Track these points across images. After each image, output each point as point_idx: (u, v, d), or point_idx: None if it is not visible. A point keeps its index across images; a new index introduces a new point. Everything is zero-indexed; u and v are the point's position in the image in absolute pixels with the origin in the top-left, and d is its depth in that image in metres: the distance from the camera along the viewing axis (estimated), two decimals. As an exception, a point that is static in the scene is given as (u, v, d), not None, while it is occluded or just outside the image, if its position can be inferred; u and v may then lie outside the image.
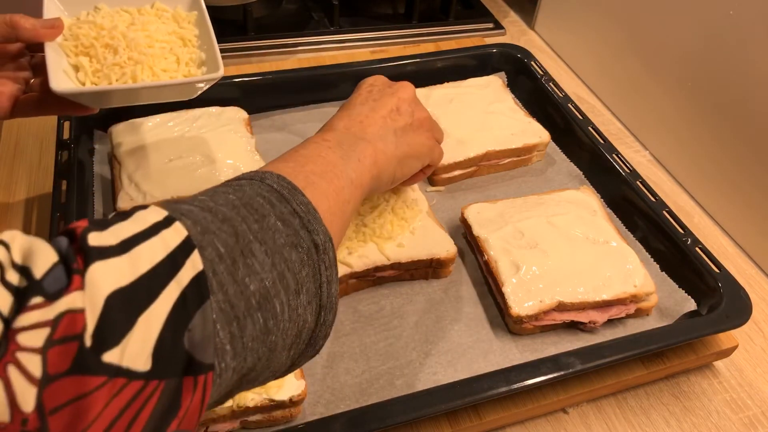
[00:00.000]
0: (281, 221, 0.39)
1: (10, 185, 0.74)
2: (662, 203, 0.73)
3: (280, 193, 0.40)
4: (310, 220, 0.40)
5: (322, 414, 0.55)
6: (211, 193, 0.39)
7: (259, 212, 0.38)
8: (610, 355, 0.58)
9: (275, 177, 0.42)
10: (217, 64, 0.60)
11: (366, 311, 0.64)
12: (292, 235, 0.39)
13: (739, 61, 0.74)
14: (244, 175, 0.43)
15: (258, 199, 0.39)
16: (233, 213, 0.37)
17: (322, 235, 0.40)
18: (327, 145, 0.51)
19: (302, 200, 0.41)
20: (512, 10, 1.18)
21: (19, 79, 0.59)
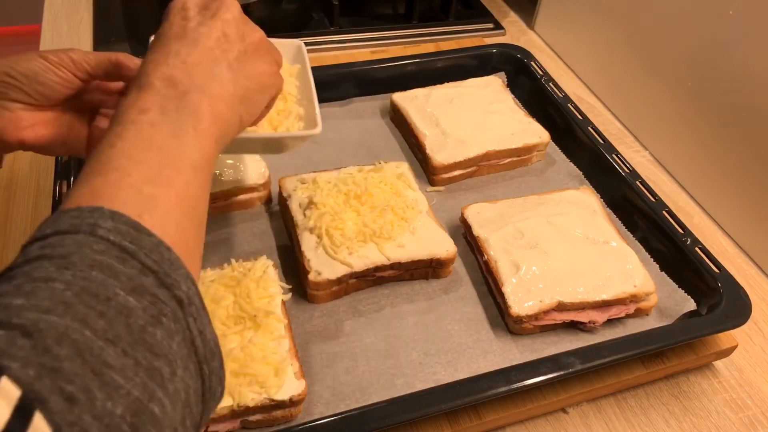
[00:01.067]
0: (132, 293, 0.32)
1: (11, 185, 0.74)
2: (662, 203, 0.73)
3: (120, 247, 0.33)
4: (165, 270, 0.34)
5: (322, 414, 0.55)
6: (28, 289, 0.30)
7: (101, 297, 0.31)
8: (610, 354, 0.58)
9: (107, 218, 0.34)
10: (315, 120, 0.59)
11: (366, 311, 0.64)
12: (150, 305, 0.32)
13: (738, 61, 0.74)
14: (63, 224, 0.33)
15: (95, 275, 0.31)
16: (68, 320, 0.29)
17: (183, 284, 0.34)
18: (148, 120, 0.40)
19: (149, 243, 0.34)
20: (512, 10, 1.18)
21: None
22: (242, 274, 0.59)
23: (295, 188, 0.69)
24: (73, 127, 0.56)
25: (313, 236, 0.64)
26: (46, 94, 0.52)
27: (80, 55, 0.53)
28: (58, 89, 0.53)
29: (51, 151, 0.56)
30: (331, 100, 0.88)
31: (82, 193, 0.36)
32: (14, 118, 0.52)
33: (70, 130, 0.56)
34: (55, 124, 0.55)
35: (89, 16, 1.02)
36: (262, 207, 0.74)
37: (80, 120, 0.57)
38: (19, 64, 0.51)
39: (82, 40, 0.97)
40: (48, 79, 0.52)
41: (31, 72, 0.51)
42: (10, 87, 0.51)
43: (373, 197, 0.67)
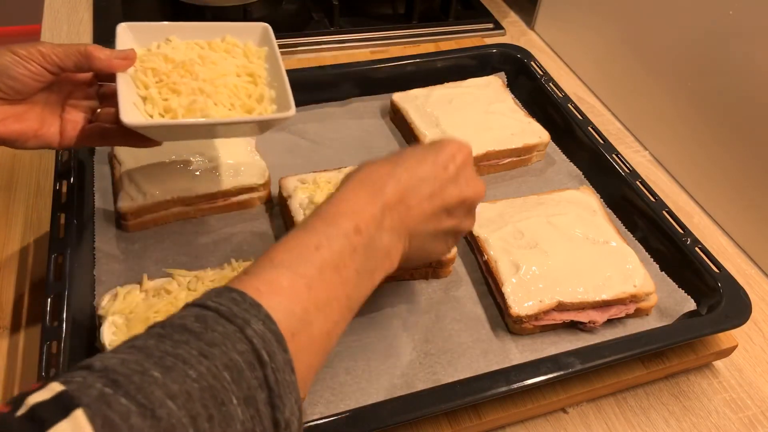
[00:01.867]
0: (243, 402, 0.33)
1: (11, 185, 0.74)
2: (662, 203, 0.73)
3: (257, 355, 0.34)
4: (279, 392, 0.35)
5: (322, 414, 0.55)
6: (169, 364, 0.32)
7: (218, 400, 0.32)
8: (610, 354, 0.58)
9: (261, 322, 0.36)
10: (288, 102, 0.59)
11: (366, 311, 0.64)
12: (248, 420, 0.33)
13: (738, 61, 0.74)
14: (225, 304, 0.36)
15: (224, 375, 0.33)
16: (183, 413, 0.31)
17: (287, 410, 0.35)
18: (354, 245, 0.43)
19: (281, 361, 0.35)
20: (512, 10, 1.18)
21: (85, 108, 0.59)
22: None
23: (295, 188, 0.69)
24: (45, 119, 0.57)
25: (313, 236, 0.64)
26: (17, 88, 0.53)
27: (49, 48, 0.53)
28: (28, 83, 0.53)
29: (23, 144, 0.56)
30: (331, 100, 0.88)
31: (265, 278, 0.39)
32: None
33: (41, 123, 0.56)
34: (26, 117, 0.55)
35: (89, 16, 1.02)
36: (262, 207, 0.74)
37: (51, 112, 0.58)
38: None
39: (82, 40, 0.97)
40: (18, 73, 0.52)
41: (2, 67, 0.52)
42: None
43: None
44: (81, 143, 0.59)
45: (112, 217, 0.69)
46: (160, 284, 0.59)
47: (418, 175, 0.49)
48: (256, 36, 0.66)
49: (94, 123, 0.59)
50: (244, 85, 0.61)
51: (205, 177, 0.70)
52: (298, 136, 0.83)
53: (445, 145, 0.52)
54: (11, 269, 0.66)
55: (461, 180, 0.51)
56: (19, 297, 0.64)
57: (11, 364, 0.59)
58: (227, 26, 0.65)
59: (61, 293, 0.56)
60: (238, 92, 0.60)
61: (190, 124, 0.57)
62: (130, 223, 0.68)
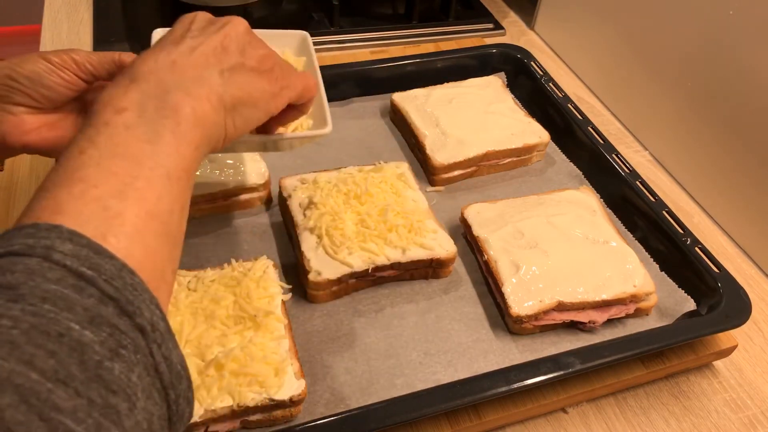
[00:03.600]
0: (89, 325, 0.30)
1: (11, 186, 0.74)
2: (662, 203, 0.73)
3: (78, 274, 0.31)
4: (127, 297, 0.31)
5: (322, 414, 0.55)
6: None
7: (52, 334, 0.28)
8: (610, 354, 0.58)
9: (66, 240, 0.31)
10: (324, 118, 0.57)
11: (366, 311, 0.64)
12: (108, 337, 0.30)
13: (738, 62, 0.74)
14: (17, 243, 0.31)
15: (47, 308, 0.29)
16: (12, 363, 0.27)
17: (146, 311, 0.32)
18: (123, 122, 0.38)
19: (110, 267, 0.32)
20: (512, 10, 1.18)
21: None
22: (242, 274, 0.59)
23: (295, 188, 0.69)
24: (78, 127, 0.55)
25: (313, 236, 0.65)
26: (50, 97, 0.51)
27: (83, 56, 0.52)
28: (61, 91, 0.52)
29: (56, 153, 0.54)
30: (331, 100, 0.87)
31: (43, 205, 0.34)
32: (18, 122, 0.51)
33: (74, 131, 0.55)
34: (59, 126, 0.54)
35: (89, 16, 1.02)
36: (262, 207, 0.74)
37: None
38: (22, 67, 0.50)
39: (82, 40, 0.97)
40: (51, 81, 0.51)
41: (35, 75, 0.50)
42: (13, 90, 0.50)
43: (373, 197, 0.67)
44: None
45: (112, 217, 0.69)
46: (160, 284, 0.59)
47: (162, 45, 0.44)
48: (294, 44, 0.65)
49: None
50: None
51: (205, 177, 0.70)
52: (298, 136, 0.83)
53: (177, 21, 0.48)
54: (11, 269, 0.66)
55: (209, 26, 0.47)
56: (19, 297, 0.64)
57: (11, 364, 0.58)
58: (265, 33, 0.63)
59: (61, 293, 0.56)
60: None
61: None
62: (130, 223, 0.67)
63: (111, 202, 0.34)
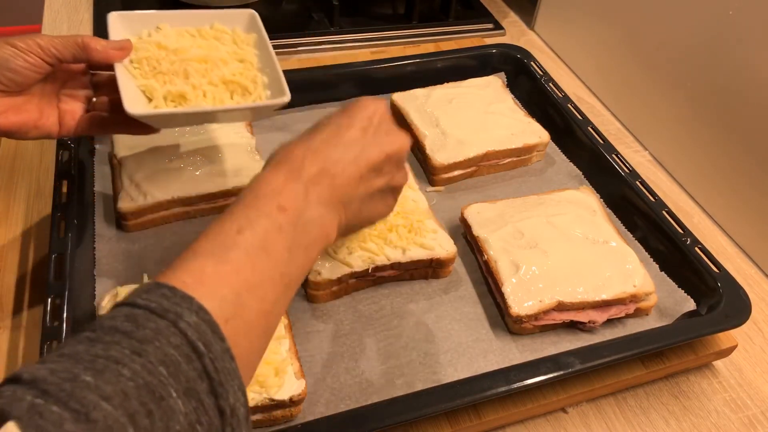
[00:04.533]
0: (184, 395, 0.33)
1: (11, 186, 0.74)
2: (662, 203, 0.73)
3: (193, 347, 0.34)
4: (220, 380, 0.34)
5: (322, 414, 0.55)
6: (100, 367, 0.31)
7: (156, 395, 0.32)
8: (610, 354, 0.58)
9: (194, 313, 0.35)
10: (281, 87, 0.59)
11: (366, 311, 0.64)
12: (192, 412, 0.33)
13: (738, 62, 0.74)
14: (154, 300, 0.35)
15: (160, 370, 0.32)
16: (120, 412, 0.30)
17: (231, 397, 0.35)
18: (280, 223, 0.42)
19: (218, 350, 0.35)
20: (512, 10, 1.18)
21: (81, 97, 0.60)
22: (242, 274, 0.59)
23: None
24: (43, 110, 0.57)
25: (313, 236, 0.64)
26: (16, 80, 0.53)
27: (47, 41, 0.54)
28: (27, 75, 0.54)
29: (24, 135, 0.56)
30: (331, 100, 0.88)
31: (189, 269, 0.38)
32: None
33: (40, 113, 0.57)
34: (25, 108, 0.56)
35: (89, 16, 1.02)
36: (262, 207, 0.74)
37: (49, 102, 0.58)
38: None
39: (82, 40, 0.97)
40: (17, 65, 0.53)
41: (1, 59, 0.52)
42: None
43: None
44: (80, 132, 0.60)
45: (113, 218, 0.69)
46: (160, 284, 0.59)
47: (337, 143, 0.48)
48: (243, 22, 0.66)
49: (92, 112, 0.60)
50: (238, 69, 0.62)
51: (205, 177, 0.70)
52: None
53: (358, 107, 0.51)
54: (11, 269, 0.66)
55: (381, 137, 0.51)
56: (19, 297, 0.64)
57: (11, 364, 0.59)
58: (215, 14, 0.66)
59: (61, 293, 0.56)
60: (233, 75, 0.61)
61: (192, 112, 0.58)
62: (130, 223, 0.68)
63: (243, 294, 0.39)
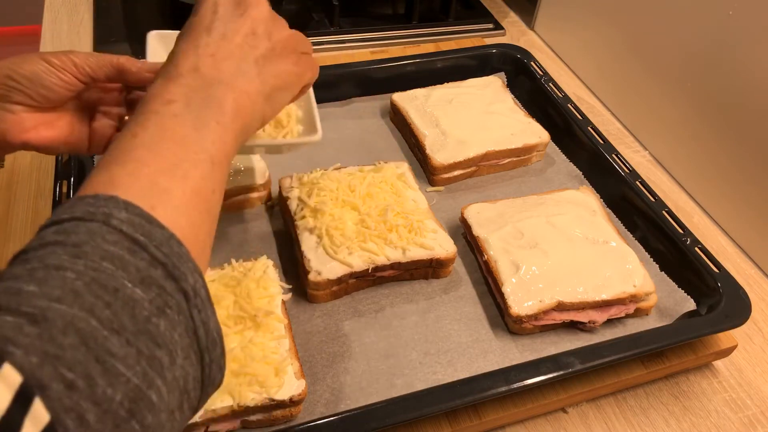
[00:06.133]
0: (140, 284, 0.33)
1: (11, 186, 0.74)
2: (662, 203, 0.73)
3: (132, 239, 0.34)
4: (174, 263, 0.34)
5: (322, 414, 0.55)
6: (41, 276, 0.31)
7: (109, 288, 0.32)
8: (610, 354, 0.58)
9: (122, 209, 0.35)
10: (314, 124, 0.59)
11: (366, 311, 0.64)
12: (156, 297, 0.33)
13: (738, 62, 0.75)
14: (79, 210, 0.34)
15: (105, 266, 0.32)
16: (75, 309, 0.30)
17: (190, 277, 0.35)
18: (172, 111, 0.41)
19: (160, 236, 0.35)
20: (512, 10, 1.18)
21: (114, 115, 0.59)
22: (242, 274, 0.59)
23: (295, 188, 0.69)
24: (74, 126, 0.56)
25: (313, 236, 0.65)
26: (48, 97, 0.52)
27: (82, 59, 0.53)
28: (59, 92, 0.53)
29: (53, 150, 0.56)
30: (331, 100, 0.88)
31: (100, 180, 0.37)
32: (18, 121, 0.52)
33: (71, 129, 0.56)
34: (57, 124, 0.55)
35: (89, 16, 1.02)
36: (262, 207, 0.74)
37: (81, 119, 0.57)
38: (21, 67, 0.51)
39: (82, 40, 0.97)
40: (50, 82, 0.52)
41: (34, 75, 0.51)
42: (13, 90, 0.51)
43: (373, 197, 0.67)
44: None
45: (113, 217, 0.69)
46: (160, 284, 0.59)
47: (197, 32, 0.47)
48: None
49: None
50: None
51: (205, 177, 0.70)
52: (298, 136, 0.83)
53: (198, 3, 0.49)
54: (11, 269, 0.66)
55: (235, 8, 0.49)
56: (19, 297, 0.64)
57: (11, 364, 0.59)
58: None
59: (61, 293, 0.56)
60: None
61: None
62: (130, 223, 0.67)
63: (160, 179, 0.38)
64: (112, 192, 0.36)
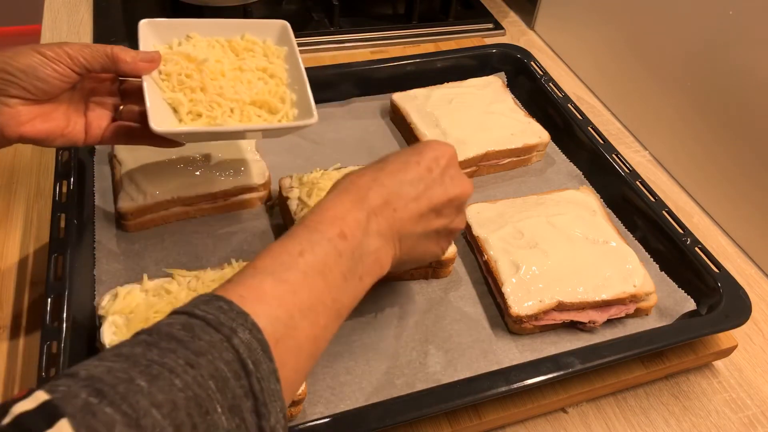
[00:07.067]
0: (228, 411, 0.33)
1: (11, 186, 0.74)
2: (662, 203, 0.73)
3: (243, 364, 0.35)
4: (264, 400, 0.35)
5: (322, 414, 0.55)
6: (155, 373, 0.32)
7: (203, 409, 0.32)
8: (610, 354, 0.58)
9: (247, 330, 0.36)
10: (309, 107, 0.59)
11: (366, 311, 0.64)
12: (234, 429, 0.34)
13: (738, 61, 0.74)
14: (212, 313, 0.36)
15: (210, 384, 0.33)
16: (167, 422, 0.31)
17: (273, 418, 0.35)
18: (340, 249, 0.43)
19: (266, 370, 0.36)
20: (512, 10, 1.18)
21: (109, 105, 0.60)
22: (242, 274, 0.59)
23: (295, 188, 0.69)
24: (70, 118, 0.57)
25: (313, 236, 0.64)
26: (44, 89, 0.53)
27: (76, 50, 0.53)
28: (55, 83, 0.53)
29: (50, 143, 0.56)
30: (331, 100, 0.88)
31: (251, 284, 0.39)
32: (14, 114, 0.52)
33: (67, 121, 0.57)
34: (53, 116, 0.55)
35: (89, 16, 1.02)
36: (262, 207, 0.74)
37: (76, 111, 0.58)
38: (16, 60, 0.51)
39: (82, 40, 0.97)
40: (45, 74, 0.52)
41: (29, 68, 0.52)
42: (8, 83, 0.51)
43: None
44: (106, 141, 0.60)
45: (112, 217, 0.69)
46: (160, 284, 0.59)
47: (402, 179, 0.49)
48: (275, 34, 0.66)
49: (119, 122, 0.60)
50: (266, 87, 0.62)
51: (205, 177, 0.70)
52: (298, 136, 0.83)
53: (428, 148, 0.53)
54: (11, 269, 0.66)
55: (446, 180, 0.52)
56: (19, 297, 0.64)
57: (11, 364, 0.59)
58: (246, 23, 0.66)
59: (61, 293, 0.56)
60: (261, 93, 0.61)
61: (218, 131, 0.58)
62: (130, 223, 0.68)
63: (296, 315, 0.39)
64: (253, 307, 0.37)
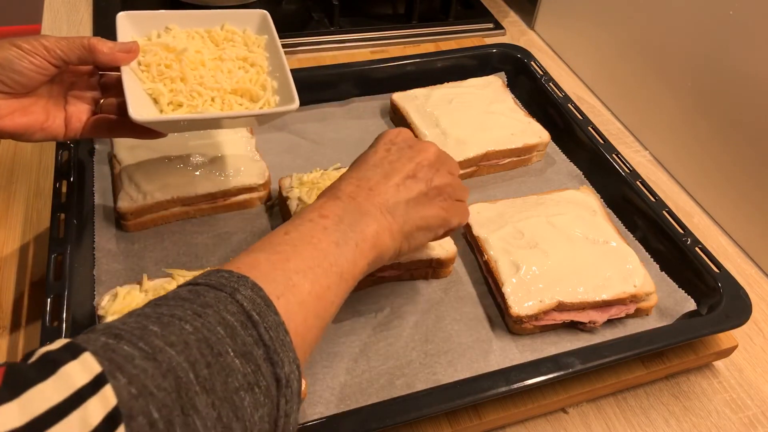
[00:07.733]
0: (241, 356, 0.35)
1: (11, 186, 0.74)
2: (662, 203, 0.73)
3: (248, 315, 0.37)
4: (276, 348, 0.37)
5: (322, 414, 0.55)
6: (165, 321, 0.35)
7: (214, 350, 0.34)
8: (610, 354, 0.58)
9: (249, 288, 0.38)
10: (291, 94, 0.59)
11: (366, 311, 0.64)
12: (251, 374, 0.35)
13: (738, 61, 0.74)
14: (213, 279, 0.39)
15: (218, 330, 0.35)
16: (182, 358, 0.33)
17: (287, 367, 0.37)
18: (323, 225, 0.46)
19: (273, 321, 0.38)
20: (512, 10, 1.18)
21: (88, 99, 0.59)
22: (242, 274, 0.59)
23: (295, 188, 0.69)
24: (50, 111, 0.57)
25: (313, 236, 0.64)
26: (22, 82, 0.53)
27: (53, 42, 0.53)
28: (33, 77, 0.53)
29: (30, 137, 0.56)
30: (331, 100, 0.88)
31: (245, 261, 0.42)
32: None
33: (47, 115, 0.57)
34: (32, 110, 0.55)
35: (89, 16, 1.02)
36: (262, 207, 0.74)
37: (56, 104, 0.58)
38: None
39: (82, 40, 0.97)
40: (22, 66, 0.52)
41: (6, 61, 0.52)
42: None
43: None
44: (86, 134, 0.59)
45: (112, 217, 0.69)
46: (160, 284, 0.59)
47: (365, 168, 0.53)
48: (254, 23, 0.66)
49: (99, 115, 0.60)
50: (247, 75, 0.62)
51: (205, 177, 0.70)
52: (298, 136, 0.83)
53: (380, 137, 0.56)
54: (11, 269, 0.66)
55: (406, 151, 0.54)
56: (19, 297, 0.64)
57: (11, 364, 0.58)
58: (225, 14, 0.66)
59: (61, 293, 0.56)
60: (242, 81, 0.61)
61: (199, 118, 0.58)
62: (130, 223, 0.68)
63: (294, 276, 0.42)
64: (250, 273, 0.40)
